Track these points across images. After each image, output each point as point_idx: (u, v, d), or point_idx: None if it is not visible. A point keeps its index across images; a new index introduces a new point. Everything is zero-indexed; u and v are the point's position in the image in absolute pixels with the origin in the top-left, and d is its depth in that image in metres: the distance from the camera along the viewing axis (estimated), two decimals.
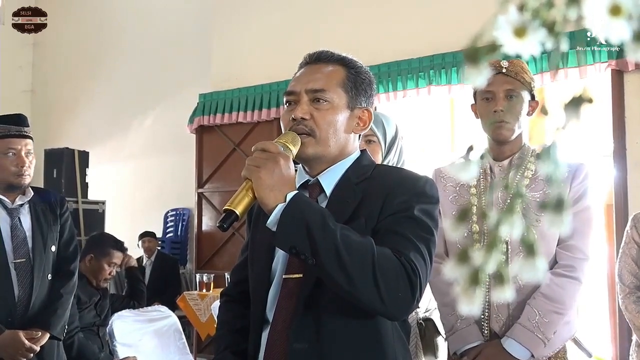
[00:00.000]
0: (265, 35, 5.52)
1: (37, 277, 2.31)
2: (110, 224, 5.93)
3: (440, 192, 1.85)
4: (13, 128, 2.32)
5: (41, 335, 2.29)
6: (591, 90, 0.36)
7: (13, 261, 2.28)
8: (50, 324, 2.32)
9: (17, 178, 2.31)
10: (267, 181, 1.13)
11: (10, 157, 2.30)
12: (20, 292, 2.28)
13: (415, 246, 1.16)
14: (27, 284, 2.29)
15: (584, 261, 1.74)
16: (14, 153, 2.31)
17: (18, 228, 2.33)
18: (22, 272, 2.30)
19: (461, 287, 0.37)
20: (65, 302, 2.40)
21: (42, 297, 2.33)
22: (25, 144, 2.33)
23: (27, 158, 2.33)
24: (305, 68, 1.34)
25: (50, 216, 2.42)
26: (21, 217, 2.35)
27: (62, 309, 2.37)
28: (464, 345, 1.77)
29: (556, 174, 0.35)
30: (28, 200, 2.38)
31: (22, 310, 2.28)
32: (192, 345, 4.83)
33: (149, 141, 6.63)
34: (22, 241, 2.32)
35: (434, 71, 4.48)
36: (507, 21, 0.36)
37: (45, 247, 2.36)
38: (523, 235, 0.36)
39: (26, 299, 2.29)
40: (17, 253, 2.30)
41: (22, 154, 2.31)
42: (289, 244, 1.12)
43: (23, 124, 2.35)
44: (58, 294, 2.37)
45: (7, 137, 2.31)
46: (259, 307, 1.30)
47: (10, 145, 2.30)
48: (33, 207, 2.39)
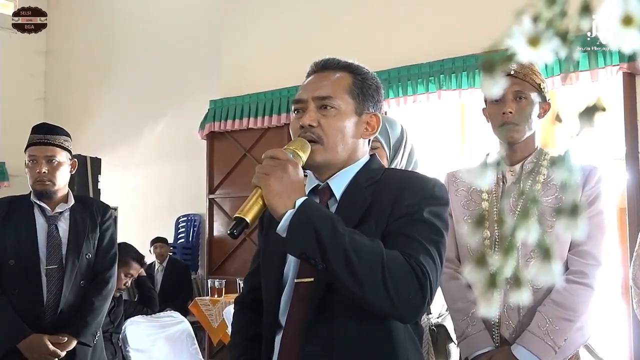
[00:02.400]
0: (275, 41, 5.54)
1: (67, 284, 2.34)
2: (122, 230, 5.96)
3: (451, 196, 1.85)
4: (35, 137, 2.40)
5: (67, 341, 2.32)
6: (604, 99, 0.37)
7: (45, 267, 2.33)
8: (78, 330, 2.35)
9: (38, 185, 2.37)
10: (276, 188, 1.14)
11: (32, 165, 2.38)
12: (48, 297, 2.33)
13: (425, 249, 1.17)
14: (57, 290, 2.33)
15: (597, 267, 1.72)
16: (35, 160, 2.38)
17: (54, 235, 2.38)
18: (53, 279, 2.34)
19: (479, 291, 0.38)
20: (97, 309, 2.42)
21: (71, 303, 2.36)
22: (44, 150, 2.38)
23: (50, 164, 2.38)
24: (312, 76, 1.35)
25: (89, 224, 2.45)
26: (58, 224, 2.40)
27: (92, 316, 2.39)
28: (475, 351, 1.76)
29: (571, 181, 0.36)
30: (69, 207, 2.43)
31: (50, 315, 2.32)
32: (204, 351, 4.84)
33: (160, 147, 6.67)
34: (56, 248, 2.37)
35: (444, 76, 4.48)
36: (522, 31, 0.37)
37: (79, 254, 2.39)
38: (539, 239, 0.36)
39: (54, 304, 2.33)
40: (50, 259, 2.35)
41: (42, 161, 2.37)
42: (298, 250, 1.13)
43: (45, 132, 2.41)
44: (90, 302, 2.40)
45: (30, 145, 2.40)
46: (272, 312, 1.31)
47: (31, 153, 2.39)
48: (73, 215, 2.43)
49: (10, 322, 2.27)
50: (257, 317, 1.38)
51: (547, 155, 1.81)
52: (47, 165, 2.37)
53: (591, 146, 3.67)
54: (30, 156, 2.38)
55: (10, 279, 2.32)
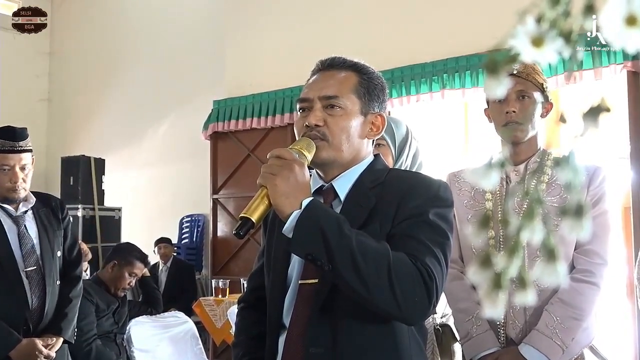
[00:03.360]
0: (279, 40, 5.54)
1: (48, 284, 2.33)
2: (127, 230, 5.99)
3: (454, 196, 1.85)
4: (7, 144, 2.30)
5: (55, 341, 2.33)
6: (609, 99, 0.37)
7: (24, 269, 2.30)
8: (61, 329, 2.35)
9: (11, 193, 2.33)
10: (282, 188, 1.14)
11: (4, 172, 2.31)
12: (34, 300, 2.30)
13: (430, 251, 1.16)
14: (40, 292, 2.31)
15: (603, 266, 1.72)
16: (8, 169, 2.31)
17: (26, 236, 2.35)
18: (34, 280, 2.32)
19: (484, 292, 0.37)
20: (75, 306, 2.43)
21: (54, 303, 2.36)
22: (19, 159, 2.32)
23: (23, 172, 2.34)
24: (318, 75, 1.34)
25: (53, 221, 2.44)
26: (27, 225, 2.37)
27: (72, 313, 2.40)
28: (480, 352, 1.75)
29: (575, 181, 0.36)
30: (31, 206, 2.40)
31: (37, 317, 2.31)
32: (209, 351, 4.84)
33: (164, 148, 6.69)
34: (30, 249, 2.34)
35: (448, 75, 4.47)
36: (525, 31, 0.37)
37: (52, 253, 2.38)
38: (543, 240, 0.36)
39: (40, 306, 2.32)
40: (28, 261, 2.31)
41: (16, 170, 2.31)
42: (305, 251, 1.13)
43: (18, 138, 2.32)
44: (67, 299, 2.40)
45: (1, 152, 2.31)
46: (276, 313, 1.31)
47: (4, 162, 2.30)
48: (37, 212, 2.40)
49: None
50: (261, 317, 1.38)
51: (550, 156, 1.81)
52: (22, 173, 2.33)
53: (595, 145, 3.66)
54: (2, 165, 2.29)
55: None
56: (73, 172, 5.91)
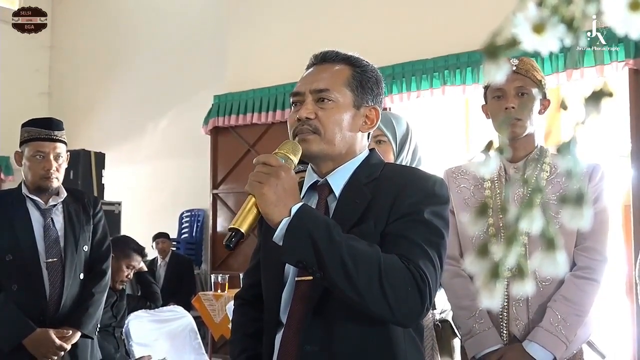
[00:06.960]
0: (279, 36, 5.53)
1: (68, 277, 2.35)
2: (127, 224, 5.98)
3: (453, 193, 1.84)
4: (43, 132, 2.38)
5: (72, 334, 2.33)
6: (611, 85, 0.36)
7: (45, 261, 2.33)
8: (81, 323, 2.36)
9: (44, 181, 2.37)
10: (270, 197, 1.13)
11: (38, 160, 2.37)
12: (51, 291, 2.33)
13: (424, 252, 1.15)
14: (58, 283, 2.33)
15: (602, 263, 1.73)
16: (42, 156, 2.37)
17: (50, 228, 2.38)
18: (54, 272, 2.34)
19: (481, 281, 0.37)
20: (97, 301, 2.44)
21: (73, 296, 2.37)
22: (54, 147, 2.38)
23: (57, 161, 2.39)
24: (311, 69, 1.34)
25: (83, 216, 2.46)
26: (54, 218, 2.40)
27: (93, 307, 2.41)
28: (483, 350, 1.75)
29: (576, 168, 0.35)
30: (61, 201, 2.44)
31: (53, 309, 2.33)
32: (208, 345, 4.85)
33: (164, 142, 6.68)
34: (54, 241, 2.37)
35: (449, 71, 4.46)
36: (526, 17, 0.36)
37: (77, 247, 2.40)
38: (543, 229, 0.36)
39: (57, 298, 2.33)
40: (49, 253, 2.34)
41: (51, 158, 2.37)
42: (295, 258, 1.12)
43: (54, 128, 2.40)
44: (90, 293, 2.41)
45: (36, 140, 2.37)
46: (273, 310, 1.30)
47: (39, 149, 2.36)
48: (66, 207, 2.44)
49: (14, 318, 2.27)
50: (258, 314, 1.37)
51: (548, 152, 1.81)
52: (56, 162, 2.38)
53: (596, 143, 3.65)
54: (37, 151, 2.36)
55: (8, 274, 2.30)
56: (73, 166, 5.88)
